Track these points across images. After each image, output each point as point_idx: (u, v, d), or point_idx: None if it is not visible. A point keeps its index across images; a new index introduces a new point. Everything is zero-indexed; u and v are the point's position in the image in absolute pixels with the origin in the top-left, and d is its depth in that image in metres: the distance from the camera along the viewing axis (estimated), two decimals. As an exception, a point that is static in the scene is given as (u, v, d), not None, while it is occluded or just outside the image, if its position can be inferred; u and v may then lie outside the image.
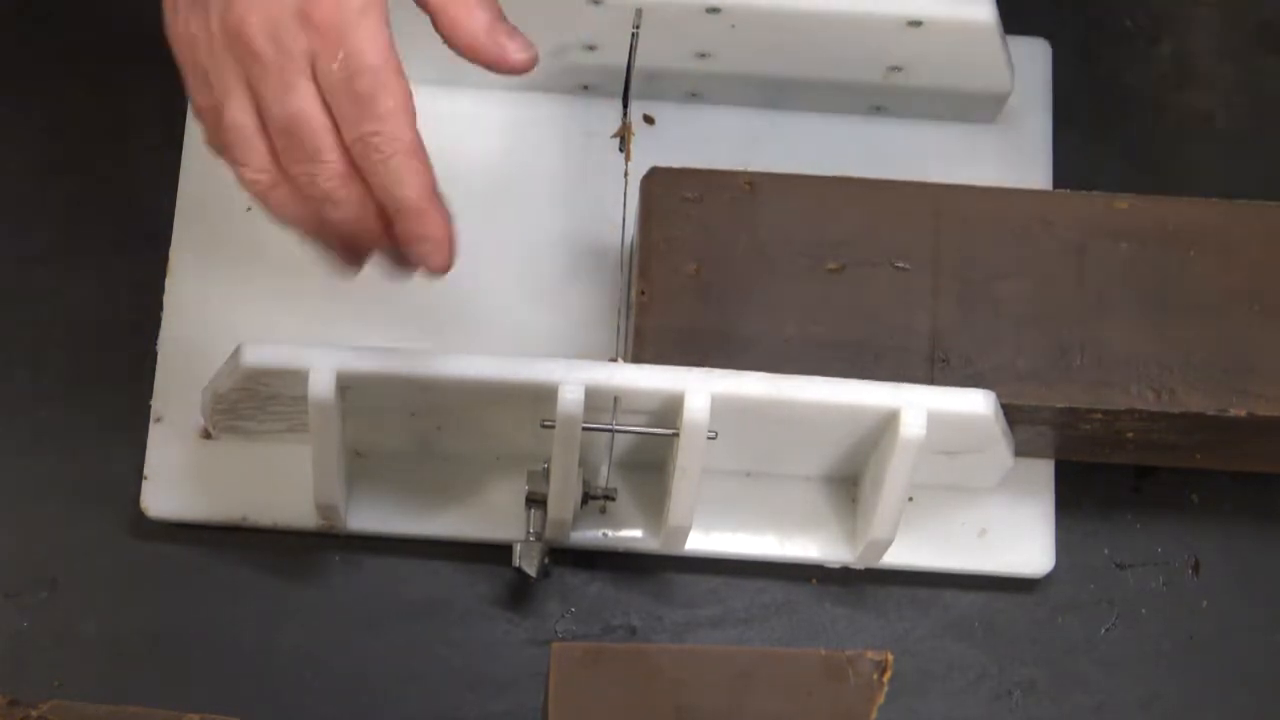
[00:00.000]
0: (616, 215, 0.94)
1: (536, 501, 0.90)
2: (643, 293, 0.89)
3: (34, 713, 0.79)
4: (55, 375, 0.95)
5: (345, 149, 0.75)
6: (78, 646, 0.92)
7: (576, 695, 0.76)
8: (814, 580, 0.94)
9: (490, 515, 0.93)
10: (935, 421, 0.86)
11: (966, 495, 0.94)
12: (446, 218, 0.77)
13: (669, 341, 0.89)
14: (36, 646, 0.92)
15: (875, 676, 0.76)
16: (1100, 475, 0.96)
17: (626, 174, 0.94)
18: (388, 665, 0.92)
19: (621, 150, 0.95)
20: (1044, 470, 0.95)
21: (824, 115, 0.99)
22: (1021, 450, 0.91)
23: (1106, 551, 0.95)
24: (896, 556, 0.92)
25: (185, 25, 0.75)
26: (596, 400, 0.86)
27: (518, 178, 0.98)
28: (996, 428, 0.87)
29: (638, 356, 0.88)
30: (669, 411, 0.86)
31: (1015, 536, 0.94)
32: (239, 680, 0.91)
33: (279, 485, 0.92)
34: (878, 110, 0.99)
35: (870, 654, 0.76)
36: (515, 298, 0.96)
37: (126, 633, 0.92)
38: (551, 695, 0.76)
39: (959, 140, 0.99)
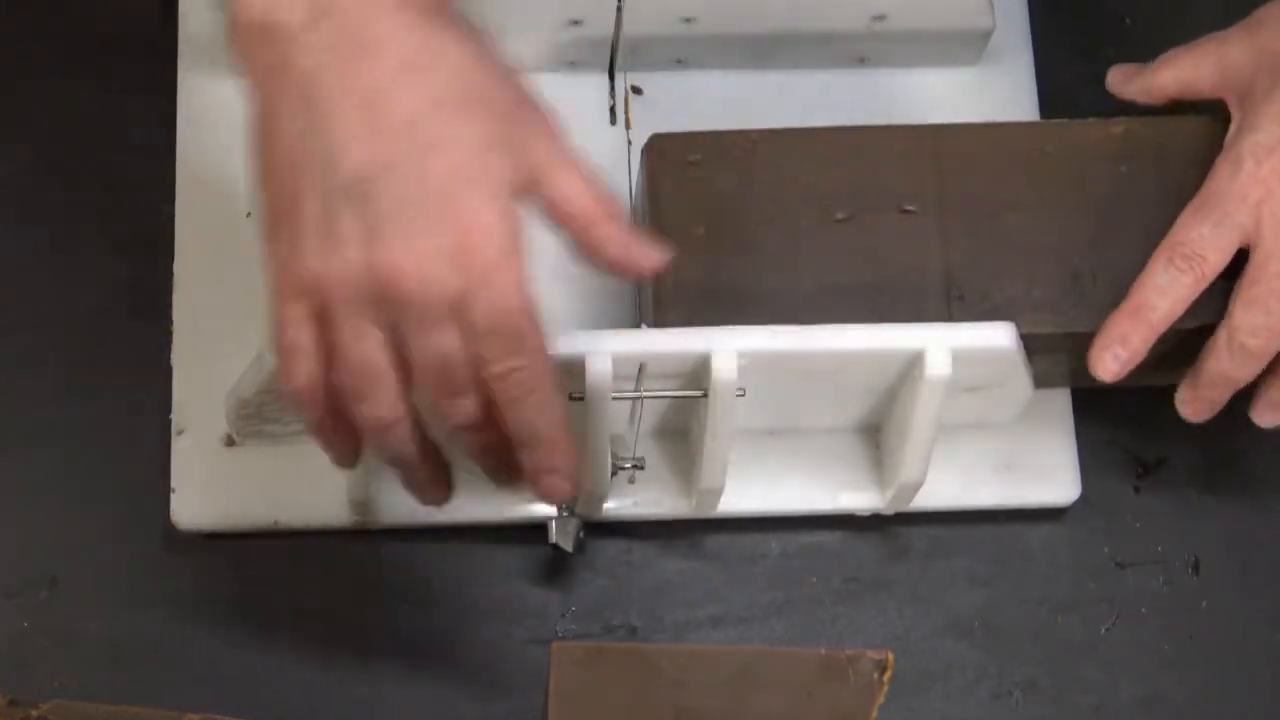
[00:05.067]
0: (617, 185, 0.94)
1: None
2: None
3: (34, 713, 0.79)
4: (57, 375, 0.95)
5: (481, 386, 0.76)
6: (78, 646, 0.92)
7: (576, 695, 0.76)
8: (814, 579, 0.94)
9: (522, 496, 0.92)
10: (959, 358, 0.86)
11: (987, 432, 0.94)
12: (573, 451, 0.79)
13: (688, 304, 0.88)
14: (36, 646, 0.92)
15: (875, 676, 0.76)
16: (1101, 475, 0.96)
17: (629, 142, 0.94)
18: (388, 665, 0.92)
19: (614, 123, 0.95)
20: (1061, 398, 0.95)
21: (810, 71, 0.99)
22: (1038, 382, 0.91)
23: (1106, 551, 0.96)
24: (926, 499, 0.92)
25: (307, 263, 0.74)
26: (621, 369, 0.85)
27: None
28: (1019, 359, 0.87)
29: (659, 321, 0.88)
30: (695, 374, 0.86)
31: (1040, 467, 0.95)
32: (239, 680, 0.91)
33: (307, 486, 0.92)
34: (862, 62, 0.99)
35: (870, 653, 0.76)
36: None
37: (126, 633, 0.92)
38: (551, 695, 0.76)
39: (945, 84, 1.00)
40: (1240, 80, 0.89)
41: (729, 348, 0.85)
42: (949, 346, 0.86)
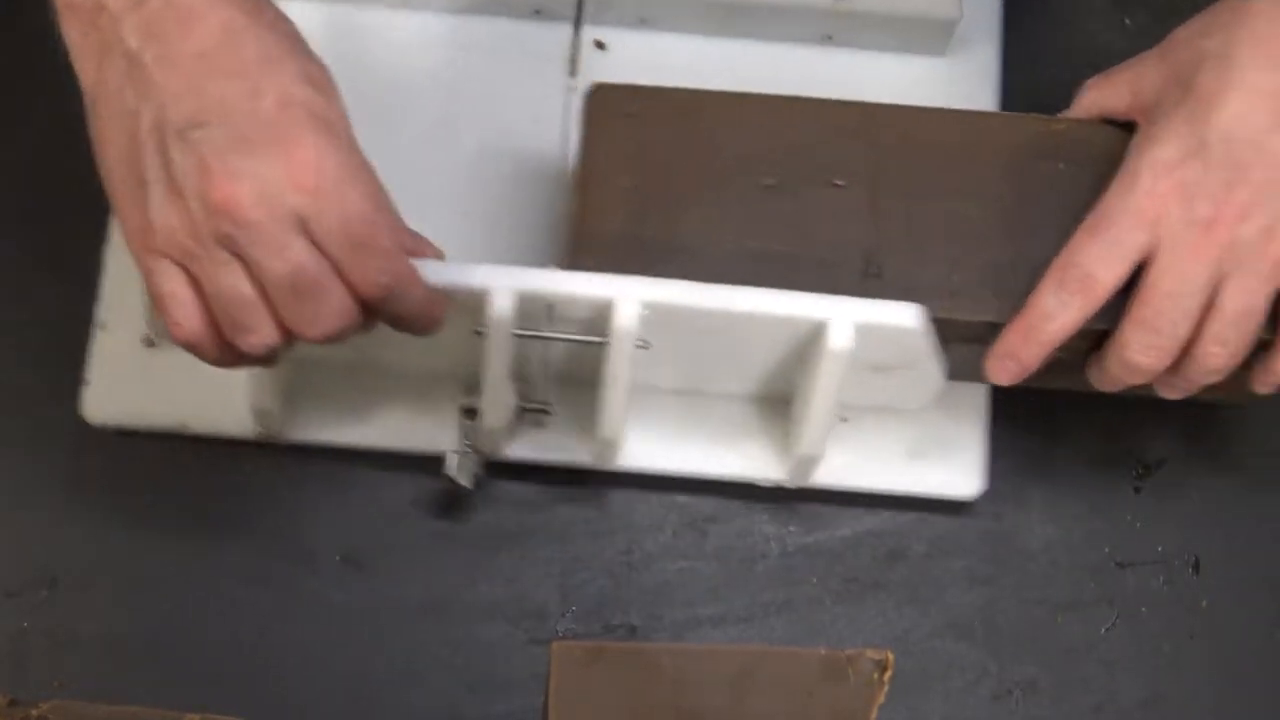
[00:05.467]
0: (562, 133, 0.95)
1: (470, 411, 0.91)
2: (581, 205, 0.90)
3: (34, 713, 0.80)
4: (56, 375, 0.95)
5: (346, 286, 0.79)
6: (78, 646, 0.92)
7: (576, 695, 0.76)
8: (814, 579, 0.94)
9: (429, 426, 0.93)
10: (864, 334, 0.86)
11: (899, 417, 0.94)
12: (442, 302, 0.83)
13: (606, 252, 0.89)
14: (36, 646, 0.92)
15: (875, 676, 0.76)
16: (1101, 475, 0.96)
17: (573, 89, 0.96)
18: (388, 665, 0.92)
19: (573, 75, 0.96)
20: (977, 392, 0.95)
21: (774, 44, 1.00)
22: (957, 374, 0.92)
23: (1106, 551, 0.96)
24: (829, 476, 0.93)
25: (155, 220, 0.78)
26: (531, 309, 0.86)
27: (467, 98, 0.99)
28: (925, 342, 0.87)
29: (574, 266, 0.89)
30: (601, 321, 0.87)
31: (947, 458, 0.95)
32: (239, 680, 0.91)
33: (220, 393, 0.92)
34: (828, 40, 1.00)
35: (870, 653, 0.76)
36: (458, 214, 0.96)
37: (126, 633, 0.92)
38: (551, 695, 0.76)
39: (909, 71, 1.00)
40: (1151, 98, 0.88)
41: (632, 297, 0.85)
42: (854, 321, 0.86)
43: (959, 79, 1.00)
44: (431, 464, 0.92)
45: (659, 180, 0.90)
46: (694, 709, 0.75)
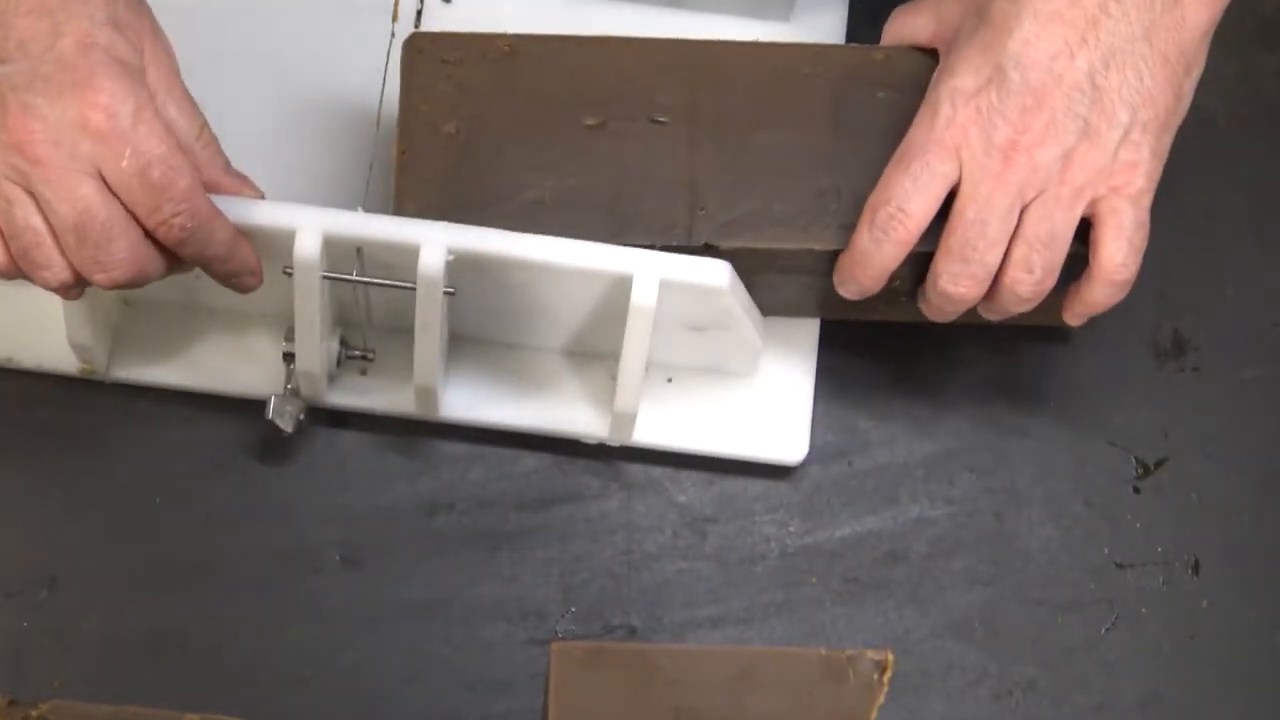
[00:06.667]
0: (385, 83, 0.96)
1: (292, 356, 0.91)
2: (403, 152, 0.90)
3: (34, 713, 0.79)
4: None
5: (139, 231, 0.80)
6: (78, 646, 0.92)
7: (576, 695, 0.76)
8: (814, 579, 0.94)
9: (257, 370, 0.93)
10: (670, 291, 0.87)
11: (726, 380, 0.95)
12: (250, 247, 0.84)
13: (428, 198, 0.89)
14: (36, 646, 0.92)
15: (875, 676, 0.76)
16: (1101, 475, 0.96)
17: (393, 34, 0.97)
18: (388, 665, 0.92)
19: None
20: (805, 361, 0.96)
21: (623, 6, 1.00)
22: (788, 309, 0.92)
23: (1106, 551, 0.96)
24: (653, 436, 0.94)
25: None
26: (340, 251, 0.86)
27: (295, 46, 0.99)
28: (733, 301, 0.88)
29: (398, 212, 0.89)
30: (410, 266, 0.87)
31: (771, 423, 0.95)
32: (239, 680, 0.91)
33: (47, 328, 0.92)
34: (677, 4, 1.00)
35: (870, 653, 0.76)
36: (278, 160, 0.95)
37: (126, 633, 0.92)
38: (551, 695, 0.76)
39: (753, 34, 0.99)
40: (950, 28, 0.89)
41: (437, 242, 0.85)
42: (659, 276, 0.86)
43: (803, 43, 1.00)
44: (258, 408, 0.92)
45: (479, 125, 0.90)
46: (694, 709, 0.75)
